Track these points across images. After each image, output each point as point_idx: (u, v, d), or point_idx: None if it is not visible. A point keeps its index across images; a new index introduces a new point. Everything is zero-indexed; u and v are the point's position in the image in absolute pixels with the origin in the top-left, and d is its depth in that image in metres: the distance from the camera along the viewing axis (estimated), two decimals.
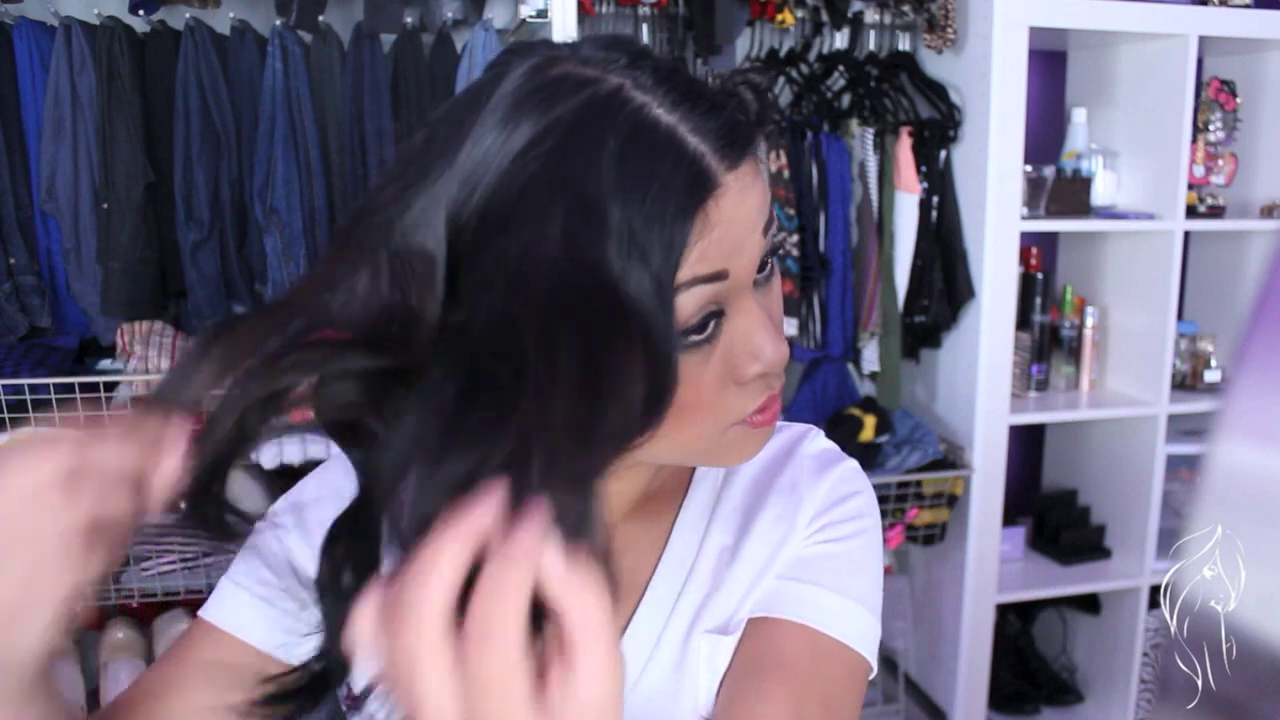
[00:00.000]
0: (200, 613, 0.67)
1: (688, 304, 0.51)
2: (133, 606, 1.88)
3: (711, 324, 0.53)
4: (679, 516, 0.67)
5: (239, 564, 0.68)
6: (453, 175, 0.49)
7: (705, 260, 0.50)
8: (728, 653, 0.63)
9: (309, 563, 0.60)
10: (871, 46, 2.15)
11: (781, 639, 0.62)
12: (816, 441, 0.71)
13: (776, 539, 0.66)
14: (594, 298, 0.46)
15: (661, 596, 0.65)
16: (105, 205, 1.74)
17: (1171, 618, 0.28)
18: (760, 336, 0.54)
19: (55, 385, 1.63)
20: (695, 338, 0.52)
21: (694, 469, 0.69)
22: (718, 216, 0.51)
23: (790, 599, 0.63)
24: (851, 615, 0.63)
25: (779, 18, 1.99)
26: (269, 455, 1.67)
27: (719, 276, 0.51)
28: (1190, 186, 2.17)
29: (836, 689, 0.61)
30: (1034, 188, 2.10)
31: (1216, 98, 2.19)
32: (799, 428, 0.72)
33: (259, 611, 0.65)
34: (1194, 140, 2.17)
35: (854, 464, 0.70)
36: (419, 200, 0.49)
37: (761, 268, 0.55)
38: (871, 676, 0.65)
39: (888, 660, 2.40)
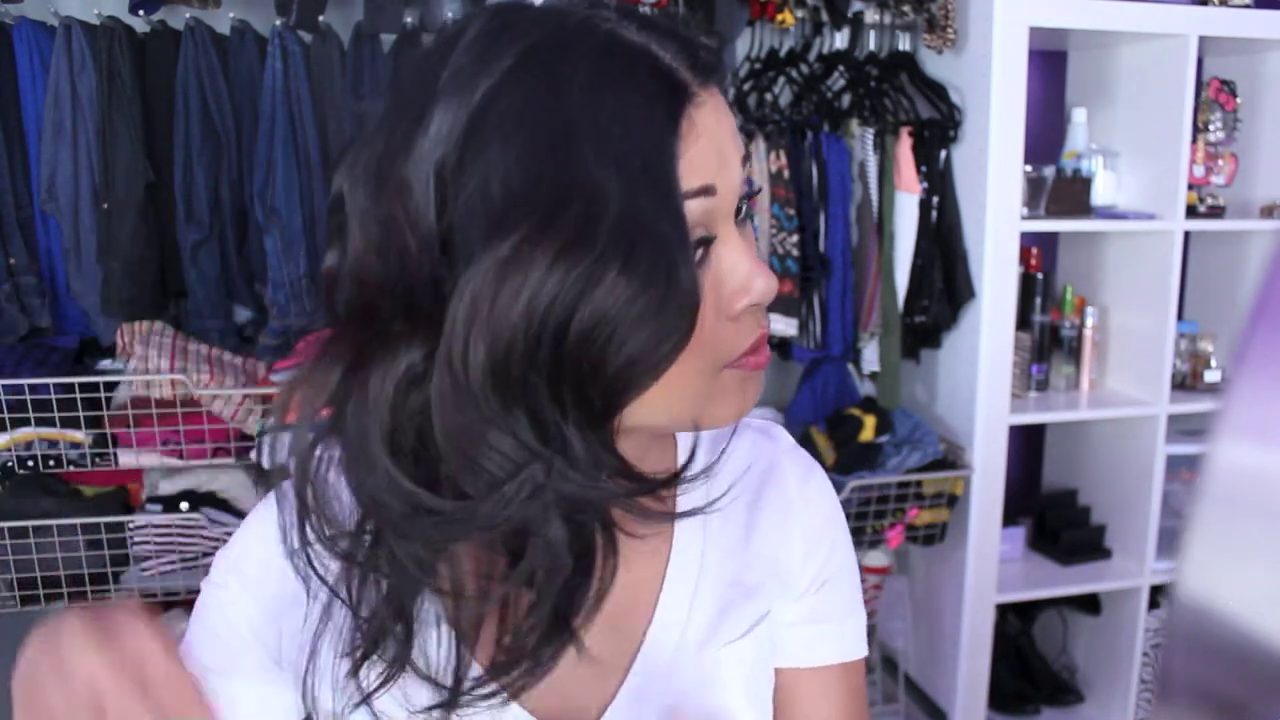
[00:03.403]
0: None
1: None
2: None
3: (701, 250, 0.52)
4: (676, 527, 0.65)
5: (197, 646, 0.61)
6: (430, 126, 0.48)
7: (694, 173, 0.50)
8: (752, 653, 0.65)
9: (268, 629, 0.61)
10: (871, 46, 2.15)
11: (825, 685, 0.69)
12: (784, 438, 0.73)
13: (778, 558, 0.68)
14: (590, 221, 0.46)
15: (672, 614, 0.64)
16: (105, 205, 1.74)
17: (1172, 618, 0.28)
18: (748, 266, 0.53)
19: (55, 385, 1.63)
20: None
21: (675, 465, 0.67)
22: (702, 127, 0.50)
23: (822, 643, 0.69)
24: (860, 627, 0.70)
25: (779, 18, 1.99)
26: (269, 456, 1.66)
27: (708, 191, 0.51)
28: (1190, 186, 2.16)
29: (861, 694, 0.71)
30: (1034, 188, 2.10)
31: (1216, 98, 2.19)
32: (756, 421, 0.73)
33: (233, 692, 0.60)
34: (1194, 140, 2.17)
35: (819, 468, 0.72)
36: (405, 159, 0.49)
37: (738, 211, 0.55)
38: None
39: (888, 660, 2.40)
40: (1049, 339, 2.25)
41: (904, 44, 2.16)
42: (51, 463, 1.68)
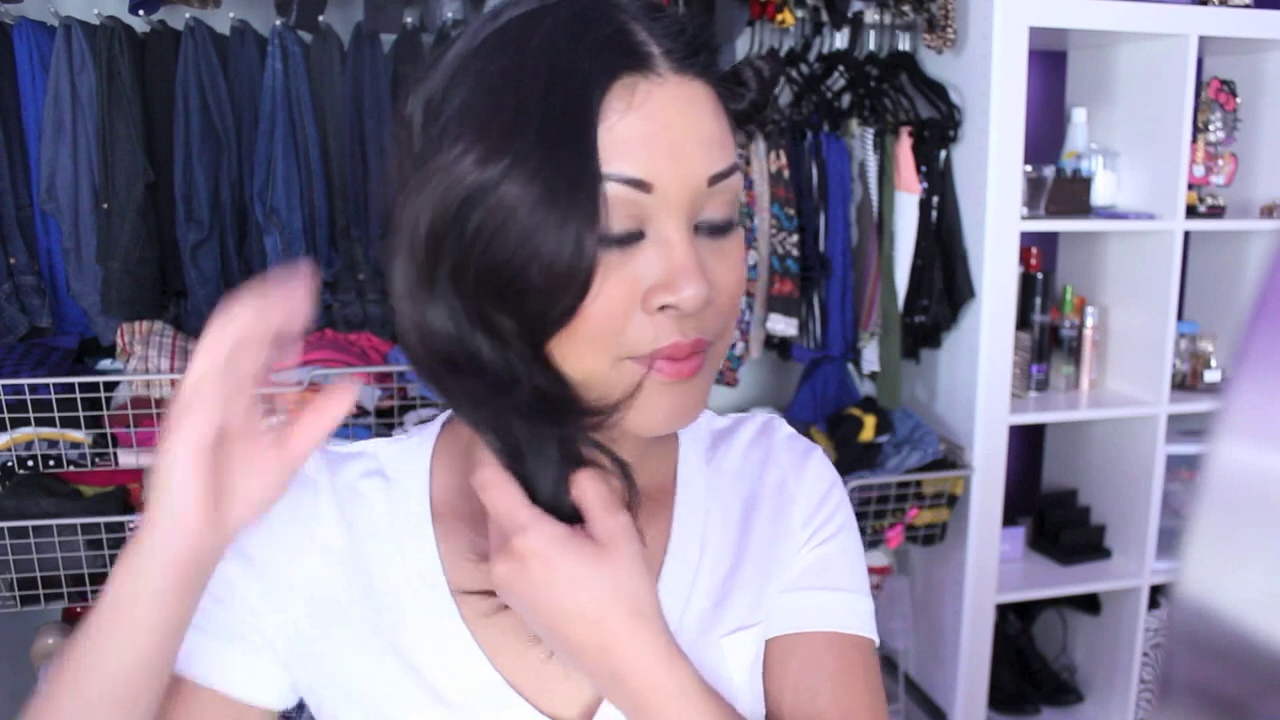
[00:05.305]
0: (183, 674, 0.60)
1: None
2: None
3: (630, 242, 0.51)
4: (675, 521, 0.65)
5: (201, 613, 0.58)
6: (442, 61, 0.53)
7: (629, 158, 0.49)
8: (754, 645, 0.65)
9: (267, 613, 0.61)
10: (871, 46, 2.15)
11: (815, 652, 0.64)
12: (782, 428, 0.73)
13: (775, 540, 0.67)
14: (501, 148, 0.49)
15: (669, 602, 0.62)
16: (105, 205, 1.74)
17: (1172, 618, 0.28)
18: (678, 267, 0.50)
19: (55, 385, 1.63)
20: (606, 239, 0.50)
21: (676, 465, 0.68)
22: (644, 101, 0.50)
23: (812, 610, 0.65)
24: (860, 607, 0.67)
25: (779, 18, 1.99)
26: None
27: (640, 185, 0.49)
28: (1190, 186, 2.16)
29: (866, 677, 0.65)
30: (1034, 188, 2.10)
31: (1216, 98, 2.19)
32: (759, 416, 0.73)
33: (224, 658, 0.60)
34: (1194, 140, 2.17)
35: (819, 449, 0.72)
36: (418, 89, 0.54)
37: (723, 229, 0.53)
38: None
39: (888, 660, 2.40)
40: (1049, 339, 2.25)
41: (904, 44, 2.16)
42: (51, 463, 1.68)
